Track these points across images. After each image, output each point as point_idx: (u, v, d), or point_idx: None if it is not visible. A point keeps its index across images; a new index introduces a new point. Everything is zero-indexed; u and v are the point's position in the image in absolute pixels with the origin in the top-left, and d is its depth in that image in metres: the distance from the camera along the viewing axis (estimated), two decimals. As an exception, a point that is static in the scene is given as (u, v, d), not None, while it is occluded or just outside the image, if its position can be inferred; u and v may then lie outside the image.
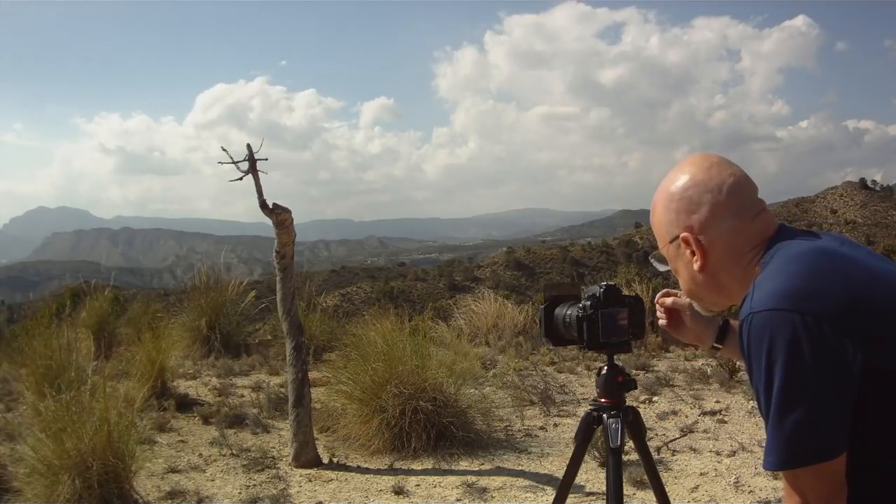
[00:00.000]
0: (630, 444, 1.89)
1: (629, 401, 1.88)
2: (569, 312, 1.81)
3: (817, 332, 1.09)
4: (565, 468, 1.94)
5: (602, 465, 3.93)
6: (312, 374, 4.97)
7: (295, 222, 4.60)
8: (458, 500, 3.82)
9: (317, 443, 4.49)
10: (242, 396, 6.10)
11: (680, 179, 1.34)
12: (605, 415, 1.83)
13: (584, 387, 6.32)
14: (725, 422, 5.13)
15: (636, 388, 1.89)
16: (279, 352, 7.06)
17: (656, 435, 4.76)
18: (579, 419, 1.90)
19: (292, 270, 4.71)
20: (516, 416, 5.31)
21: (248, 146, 4.54)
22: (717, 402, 5.66)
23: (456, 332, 8.15)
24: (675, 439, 4.69)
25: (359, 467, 4.35)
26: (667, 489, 1.97)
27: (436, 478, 4.13)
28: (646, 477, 2.26)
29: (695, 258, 1.32)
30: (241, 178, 4.50)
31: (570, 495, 2.00)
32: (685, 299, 1.59)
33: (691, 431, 4.86)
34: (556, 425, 5.18)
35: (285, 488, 3.99)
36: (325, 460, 4.43)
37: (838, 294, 1.13)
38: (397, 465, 4.35)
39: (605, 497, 1.83)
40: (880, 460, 1.14)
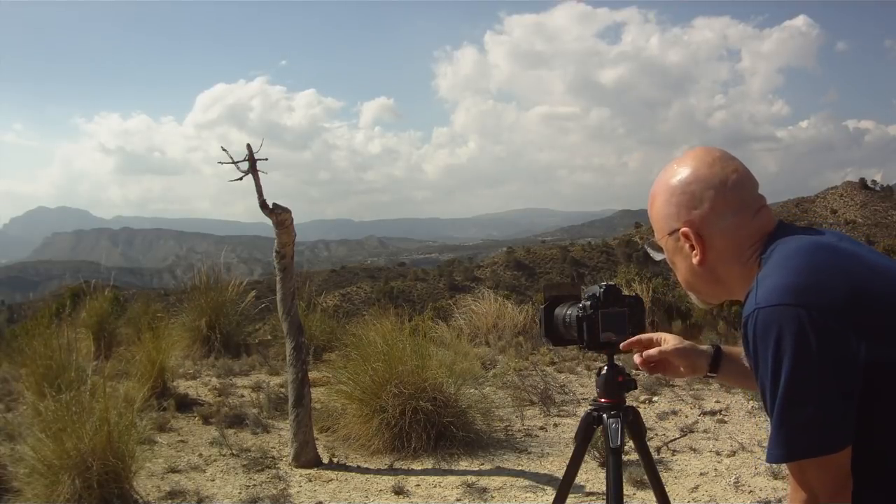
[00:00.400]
0: (630, 444, 1.89)
1: (629, 401, 1.88)
2: (569, 312, 1.82)
3: (823, 326, 1.10)
4: (565, 468, 1.94)
5: (602, 465, 3.93)
6: (312, 374, 4.97)
7: (295, 222, 4.60)
8: (458, 500, 3.82)
9: (317, 443, 4.50)
10: (242, 396, 6.10)
11: (682, 173, 1.34)
12: (605, 415, 1.83)
13: (584, 387, 6.32)
14: (725, 422, 5.13)
15: (636, 388, 1.89)
16: (279, 352, 7.06)
17: (656, 435, 4.76)
18: (579, 419, 1.90)
19: (292, 270, 4.71)
20: (516, 416, 5.31)
21: (248, 146, 4.54)
22: (717, 402, 5.66)
23: (456, 332, 8.15)
24: (675, 439, 4.69)
25: (359, 467, 4.35)
26: (667, 489, 1.97)
27: (436, 478, 4.13)
28: (646, 477, 2.26)
29: (694, 252, 1.33)
30: (241, 178, 4.50)
31: (570, 495, 2.00)
32: (669, 345, 1.59)
33: (691, 431, 4.86)
34: (556, 425, 5.18)
35: (285, 488, 3.99)
36: (325, 460, 4.44)
37: (841, 288, 1.14)
38: (397, 465, 4.35)
39: (605, 497, 1.83)
40: (884, 452, 1.15)
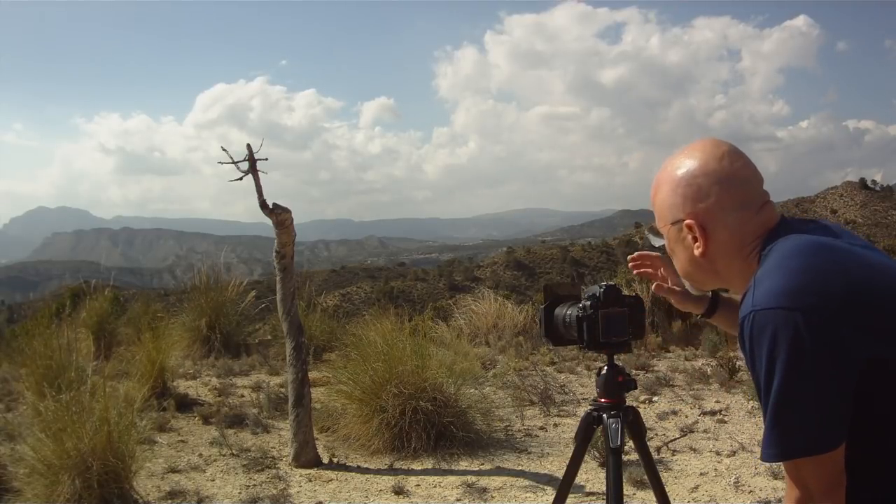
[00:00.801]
0: (630, 444, 1.90)
1: (629, 401, 1.88)
2: (569, 312, 1.82)
3: (819, 329, 1.11)
4: (565, 468, 1.94)
5: (602, 465, 3.93)
6: (312, 374, 4.97)
7: (295, 222, 4.60)
8: (458, 500, 3.82)
9: (317, 443, 4.49)
10: (242, 396, 6.10)
11: (689, 164, 1.34)
12: (605, 415, 1.83)
13: (584, 387, 6.32)
14: (725, 422, 5.13)
15: (636, 388, 1.89)
16: (279, 352, 7.06)
17: (656, 435, 4.76)
18: (579, 419, 1.90)
19: (292, 270, 4.72)
20: (516, 416, 5.30)
21: (248, 146, 4.54)
22: (717, 402, 5.66)
23: (456, 332, 8.15)
24: (675, 439, 4.69)
25: (359, 467, 4.35)
26: (667, 489, 1.97)
27: (436, 478, 4.13)
28: (646, 477, 2.26)
29: (696, 244, 1.33)
30: (241, 178, 4.50)
31: (570, 495, 2.00)
32: (669, 286, 1.67)
33: (691, 431, 4.86)
34: (556, 425, 5.18)
35: (285, 488, 3.99)
36: (325, 460, 4.43)
37: (838, 290, 1.14)
38: (397, 465, 4.35)
39: (605, 497, 1.83)
40: (880, 450, 1.16)
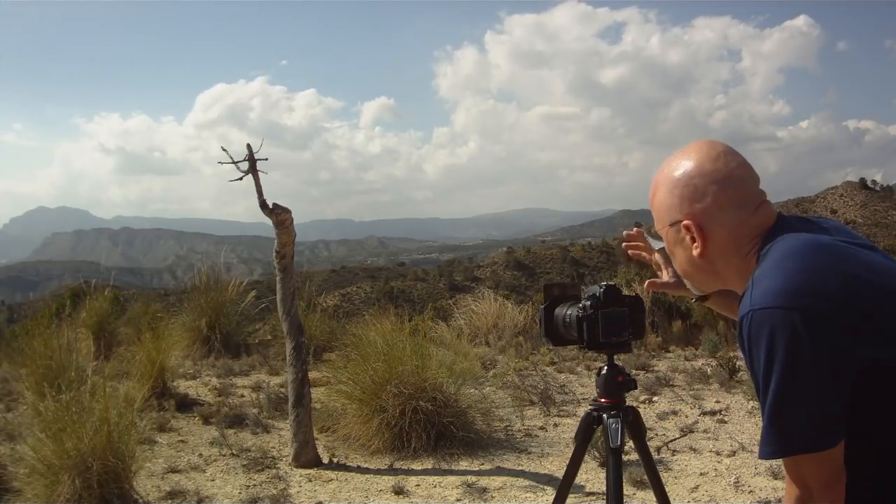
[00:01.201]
0: (630, 444, 1.90)
1: (629, 401, 1.88)
2: (569, 312, 1.82)
3: (816, 328, 1.12)
4: (565, 468, 1.94)
5: (602, 465, 3.93)
6: (312, 374, 4.97)
7: (295, 222, 4.60)
8: (458, 500, 3.82)
9: (317, 443, 4.49)
10: (242, 396, 6.10)
11: (686, 165, 1.35)
12: (605, 415, 1.83)
13: (584, 387, 6.32)
14: (725, 422, 5.13)
15: (636, 388, 1.89)
16: (279, 352, 7.06)
17: (656, 435, 4.76)
18: (579, 419, 1.90)
19: (292, 270, 4.71)
20: (516, 416, 5.30)
21: (248, 146, 4.54)
22: (717, 402, 5.66)
23: (456, 332, 8.14)
24: (675, 439, 4.69)
25: (359, 467, 4.35)
26: (667, 489, 1.97)
27: (436, 478, 4.13)
28: (646, 477, 2.26)
29: (695, 245, 1.34)
30: (241, 178, 4.50)
31: (570, 495, 2.00)
32: (665, 279, 1.67)
33: (691, 431, 4.86)
34: (556, 425, 5.18)
35: (285, 488, 3.99)
36: (325, 460, 4.43)
37: (835, 290, 1.15)
38: (397, 465, 4.35)
39: (605, 497, 1.83)
40: (878, 449, 1.17)
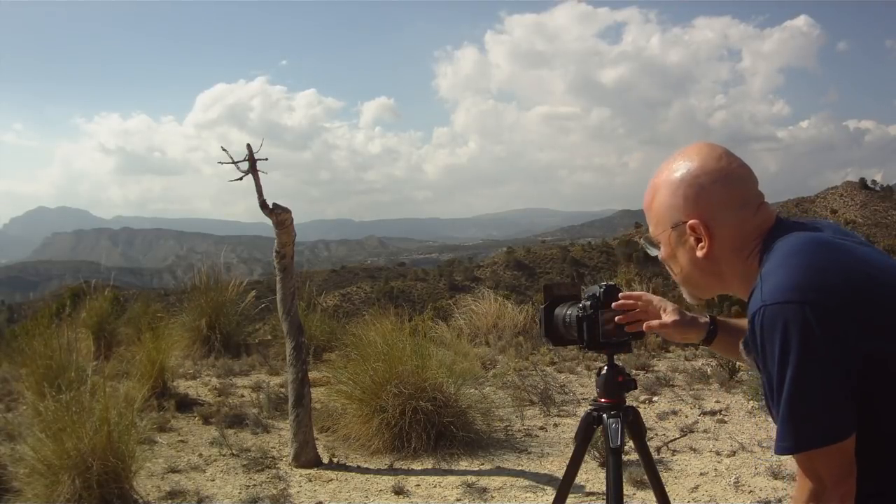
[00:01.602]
0: (630, 444, 1.89)
1: (629, 401, 1.88)
2: (569, 312, 1.81)
3: (826, 321, 1.14)
4: (565, 468, 1.94)
5: (602, 465, 3.93)
6: (312, 374, 4.97)
7: (295, 222, 4.60)
8: (458, 500, 3.82)
9: (317, 443, 4.50)
10: (242, 396, 6.10)
11: (689, 166, 1.35)
12: (605, 415, 1.83)
13: (584, 387, 6.32)
14: (725, 422, 5.13)
15: (636, 388, 1.89)
16: (279, 352, 7.06)
17: (656, 435, 4.76)
18: (579, 419, 1.90)
19: (292, 270, 4.72)
20: (516, 416, 5.30)
21: (248, 146, 4.54)
22: (717, 402, 5.66)
23: (456, 332, 8.14)
24: (675, 439, 4.69)
25: (359, 467, 4.35)
26: (667, 489, 1.97)
27: (436, 478, 4.13)
28: (646, 477, 2.26)
29: (700, 245, 1.34)
30: (241, 178, 4.50)
31: (570, 495, 2.00)
32: (669, 318, 1.60)
33: (691, 431, 4.86)
34: (556, 425, 5.18)
35: (285, 488, 3.99)
36: (325, 460, 4.44)
37: (842, 285, 1.17)
38: (397, 465, 4.35)
39: (605, 497, 1.83)
40: (881, 442, 1.19)
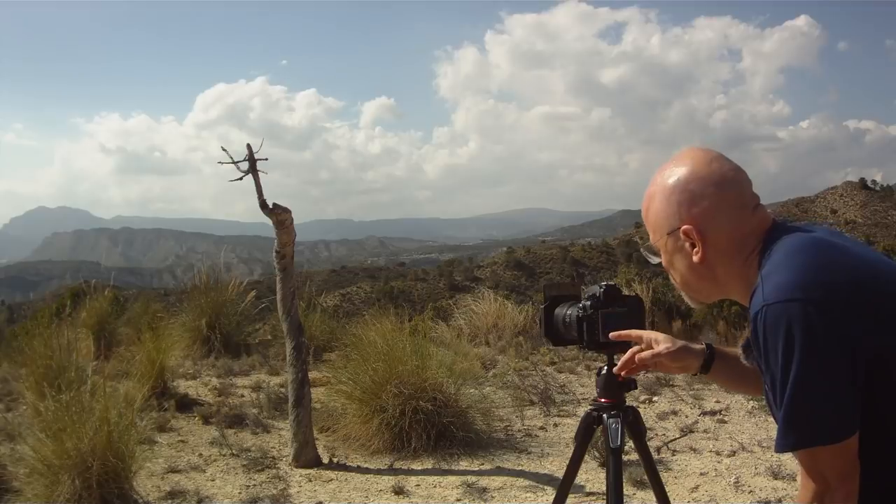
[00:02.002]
0: (630, 444, 1.89)
1: (629, 401, 1.88)
2: (569, 312, 1.81)
3: (829, 319, 1.14)
4: (565, 468, 1.94)
5: (602, 465, 3.93)
6: (312, 374, 4.96)
7: (295, 222, 4.60)
8: (458, 500, 3.82)
9: (317, 443, 4.49)
10: (242, 396, 6.10)
11: (680, 172, 1.36)
12: (605, 415, 1.83)
13: (584, 387, 6.32)
14: (725, 422, 5.13)
15: (636, 388, 1.89)
16: (279, 352, 7.06)
17: (656, 435, 4.76)
18: (579, 419, 1.90)
19: (292, 270, 4.71)
20: (516, 416, 5.30)
21: (248, 146, 4.54)
22: (717, 402, 5.66)
23: (456, 332, 8.15)
24: (675, 439, 4.69)
25: (359, 467, 4.35)
26: (667, 489, 1.97)
27: (436, 478, 4.13)
28: (646, 477, 2.25)
29: (695, 250, 1.34)
30: (241, 178, 4.50)
31: (570, 495, 2.00)
32: (661, 346, 1.57)
33: (691, 431, 4.86)
34: (556, 425, 5.18)
35: (285, 488, 3.99)
36: (325, 460, 4.43)
37: (842, 283, 1.18)
38: (397, 465, 4.35)
39: (605, 497, 1.83)
40: (884, 440, 1.19)
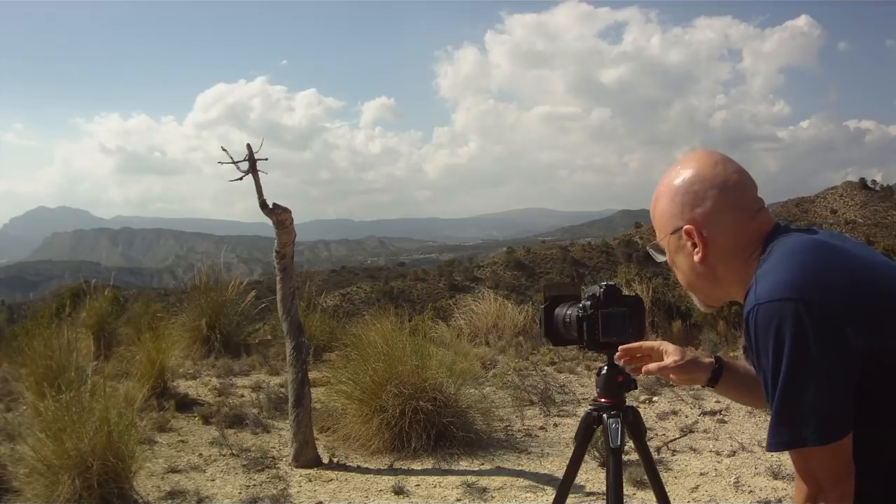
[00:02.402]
0: (630, 444, 1.89)
1: (629, 401, 1.88)
2: (569, 312, 1.81)
3: (821, 319, 1.14)
4: (565, 468, 1.94)
5: (602, 465, 3.93)
6: (312, 374, 4.97)
7: (295, 222, 4.60)
8: (458, 500, 3.82)
9: (317, 443, 4.50)
10: (242, 396, 6.10)
11: (685, 173, 1.39)
12: (605, 415, 1.83)
13: (584, 387, 6.32)
14: (725, 422, 5.13)
15: (636, 388, 1.89)
16: (279, 352, 7.06)
17: (656, 435, 4.76)
18: (579, 419, 1.90)
19: (292, 270, 4.71)
20: (516, 416, 5.31)
21: (248, 146, 4.54)
22: (717, 402, 5.65)
23: (456, 332, 8.15)
24: (675, 439, 4.69)
25: (359, 467, 4.35)
26: (667, 489, 1.97)
27: (436, 478, 4.14)
28: (646, 477, 2.26)
29: (696, 250, 1.36)
30: (241, 178, 4.50)
31: (570, 495, 2.00)
32: (670, 359, 1.59)
33: (691, 431, 4.87)
34: (556, 425, 5.18)
35: (285, 488, 3.99)
36: (325, 460, 4.43)
37: (838, 283, 1.18)
38: (397, 465, 4.35)
39: (605, 497, 1.83)
40: (885, 440, 1.19)
